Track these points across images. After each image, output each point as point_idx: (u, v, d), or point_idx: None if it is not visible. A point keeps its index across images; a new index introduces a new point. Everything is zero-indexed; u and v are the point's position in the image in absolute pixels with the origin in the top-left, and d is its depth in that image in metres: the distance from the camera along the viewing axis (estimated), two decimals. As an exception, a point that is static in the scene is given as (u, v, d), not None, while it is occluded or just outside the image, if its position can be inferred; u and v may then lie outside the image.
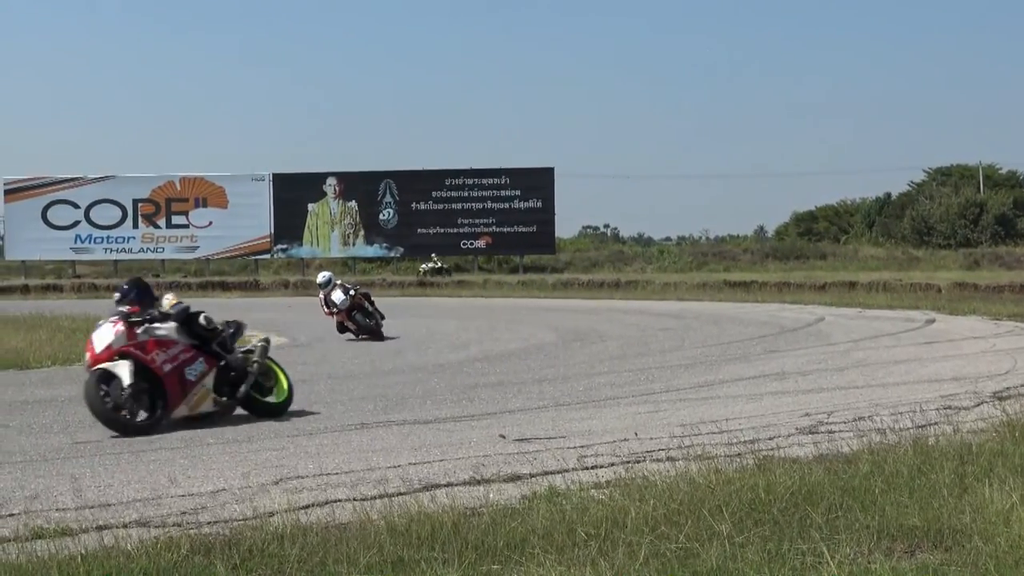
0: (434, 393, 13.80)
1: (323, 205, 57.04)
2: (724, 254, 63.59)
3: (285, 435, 10.58)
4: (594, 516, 6.27)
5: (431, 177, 57.48)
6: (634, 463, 8.22)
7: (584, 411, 11.92)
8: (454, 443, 9.75)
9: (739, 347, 19.77)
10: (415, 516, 6.39)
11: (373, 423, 11.29)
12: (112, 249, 57.43)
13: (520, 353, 19.44)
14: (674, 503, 6.48)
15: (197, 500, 7.40)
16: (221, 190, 57.02)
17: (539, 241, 57.32)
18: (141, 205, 57.18)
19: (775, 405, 11.89)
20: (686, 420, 10.49)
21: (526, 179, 57.10)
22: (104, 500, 7.39)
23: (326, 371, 16.77)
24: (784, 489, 6.70)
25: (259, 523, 6.43)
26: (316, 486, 7.79)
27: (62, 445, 10.21)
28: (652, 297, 40.14)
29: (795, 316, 28.18)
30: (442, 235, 56.80)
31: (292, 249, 57.54)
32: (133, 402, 10.81)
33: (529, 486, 7.51)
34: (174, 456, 9.45)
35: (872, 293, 36.33)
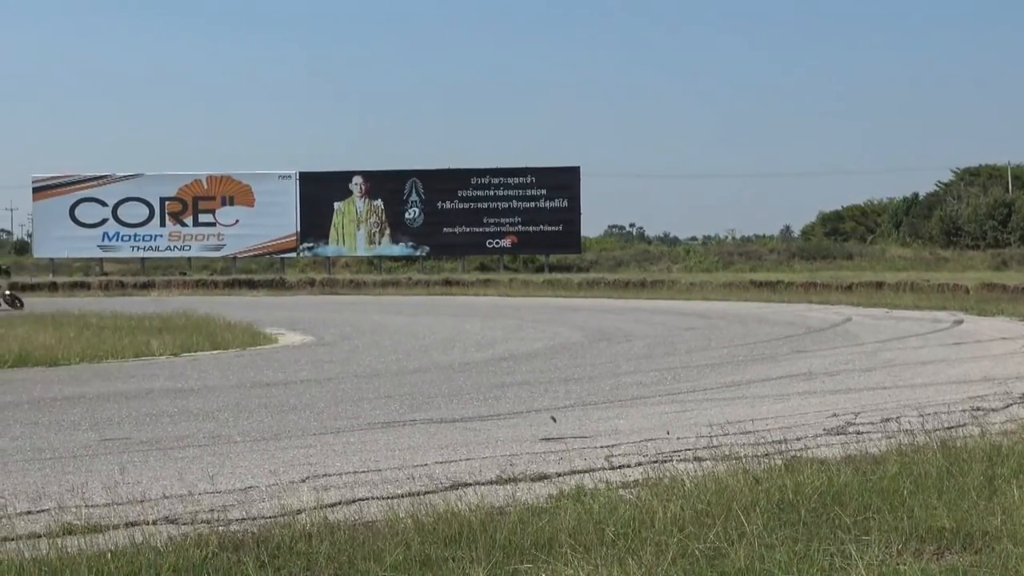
0: (460, 392, 13.81)
1: (349, 204, 57.19)
2: (750, 254, 63.47)
3: (312, 433, 10.60)
4: (622, 515, 6.26)
5: (457, 176, 57.57)
6: (662, 463, 8.21)
7: (611, 410, 11.92)
8: (481, 442, 9.76)
9: (766, 347, 19.72)
10: (442, 515, 6.39)
11: (399, 422, 11.30)
12: (139, 247, 57.72)
13: (546, 352, 19.44)
14: (702, 503, 6.47)
15: (226, 497, 7.43)
16: (248, 188, 57.24)
17: (565, 240, 57.35)
18: (168, 203, 57.45)
19: (802, 405, 11.86)
20: (713, 420, 10.46)
21: (552, 178, 57.12)
22: (133, 497, 7.40)
23: (352, 370, 16.81)
24: (812, 490, 6.68)
25: (287, 521, 6.43)
26: (344, 484, 7.80)
27: (91, 442, 10.25)
28: (678, 297, 40.08)
29: (822, 316, 28.09)
30: (468, 234, 56.89)
31: (318, 248, 57.70)
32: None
33: (556, 485, 7.50)
34: (202, 454, 9.49)
35: (899, 293, 36.18)
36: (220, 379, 15.66)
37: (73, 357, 18.14)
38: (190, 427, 11.16)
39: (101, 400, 13.33)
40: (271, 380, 15.47)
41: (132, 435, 10.65)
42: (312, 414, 12.01)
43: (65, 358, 17.99)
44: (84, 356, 18.30)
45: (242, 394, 13.89)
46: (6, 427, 11.20)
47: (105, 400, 13.34)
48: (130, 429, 11.04)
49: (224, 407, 12.63)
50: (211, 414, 12.08)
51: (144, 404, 12.97)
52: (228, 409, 12.46)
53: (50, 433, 10.83)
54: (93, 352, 18.68)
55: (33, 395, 13.87)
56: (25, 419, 11.76)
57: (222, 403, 12.99)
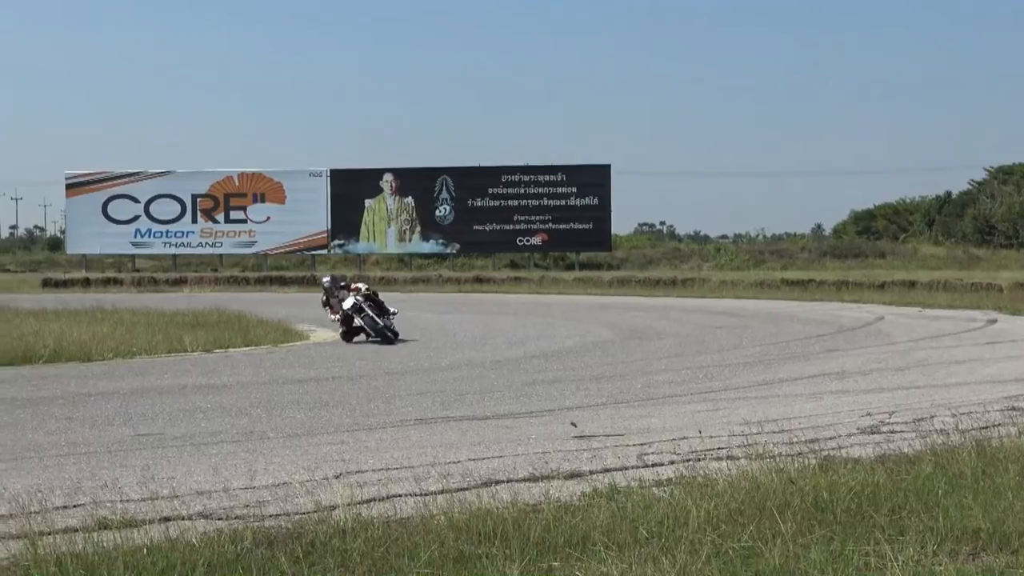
0: (492, 389, 13.82)
1: (380, 201, 57.29)
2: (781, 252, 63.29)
3: (345, 429, 10.63)
4: (656, 514, 6.26)
5: (488, 174, 57.60)
6: (695, 461, 8.19)
7: (643, 408, 11.91)
8: (513, 439, 9.77)
9: (798, 346, 19.66)
10: (476, 512, 6.39)
11: (432, 418, 11.32)
12: (171, 243, 58.00)
13: (577, 350, 19.43)
14: (736, 502, 6.46)
15: (260, 493, 7.45)
16: (279, 186, 57.42)
17: (595, 238, 57.29)
18: (200, 200, 57.71)
19: (835, 405, 11.81)
20: (746, 419, 10.43)
21: (582, 176, 57.08)
22: (168, 492, 7.44)
23: (384, 367, 16.84)
24: (847, 489, 6.66)
25: (321, 517, 6.46)
26: (377, 480, 7.82)
27: (124, 437, 10.31)
28: (709, 295, 39.98)
29: (854, 315, 27.97)
30: (498, 232, 56.90)
31: (349, 245, 57.84)
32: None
33: (590, 483, 7.50)
34: (236, 449, 9.53)
35: (932, 292, 35.98)
36: (253, 375, 15.72)
37: (107, 353, 18.21)
38: (223, 423, 11.21)
39: (135, 395, 13.40)
40: (303, 376, 15.52)
41: (166, 430, 10.71)
42: (344, 410, 12.04)
43: (99, 354, 18.07)
44: (118, 352, 18.37)
45: (275, 390, 13.93)
46: (41, 422, 11.28)
47: (139, 395, 13.41)
48: (164, 424, 11.10)
49: (257, 403, 12.67)
50: (244, 410, 12.12)
51: (177, 400, 13.04)
52: (261, 405, 12.50)
53: (85, 428, 10.90)
54: (126, 348, 18.75)
55: (68, 390, 13.95)
56: (60, 414, 11.84)
57: (255, 399, 13.04)
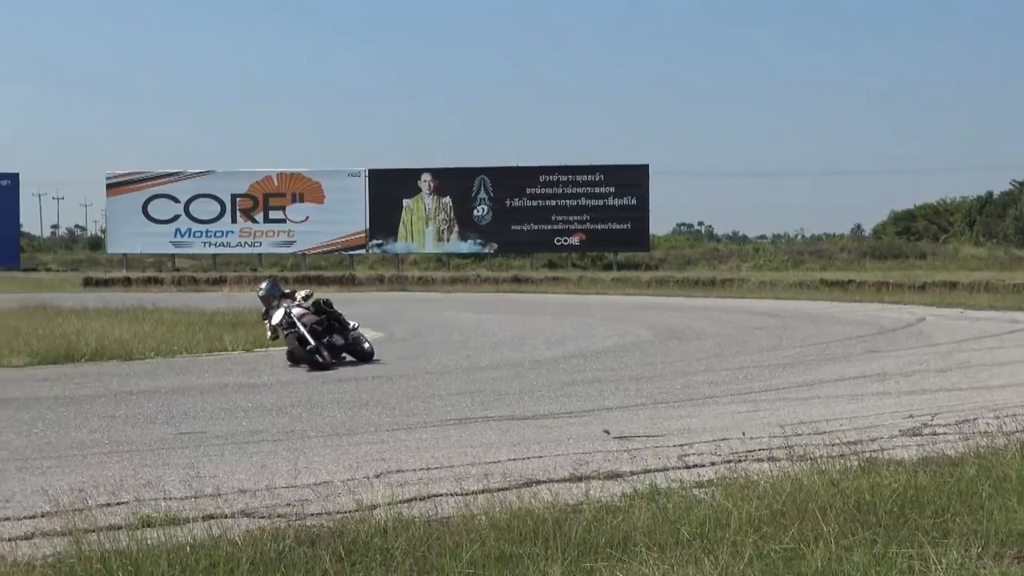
0: (531, 389, 13.82)
1: (418, 201, 57.36)
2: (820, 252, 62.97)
3: (385, 429, 10.66)
4: (697, 515, 6.25)
5: (526, 174, 57.55)
6: (736, 462, 8.18)
7: (683, 409, 11.88)
8: (553, 439, 9.77)
9: (838, 347, 19.56)
10: (517, 512, 6.40)
11: (471, 418, 11.34)
12: (210, 243, 58.25)
13: (616, 350, 19.40)
14: (778, 504, 6.43)
15: (301, 492, 7.49)
16: (318, 185, 57.58)
17: (633, 238, 57.13)
18: (239, 200, 57.93)
19: (877, 406, 11.74)
20: (786, 420, 10.39)
21: (621, 176, 56.94)
22: (210, 490, 7.49)
23: (423, 366, 16.87)
24: (889, 491, 6.62)
25: (363, 516, 6.48)
26: (418, 480, 7.84)
27: (166, 436, 10.38)
28: (748, 295, 39.83)
29: (895, 316, 27.80)
30: (536, 232, 56.85)
31: (387, 244, 57.93)
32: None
33: (630, 484, 7.49)
34: (276, 448, 9.57)
35: (974, 293, 35.69)
36: (292, 374, 15.78)
37: (148, 351, 18.34)
38: (264, 422, 11.26)
39: (176, 394, 13.49)
40: (343, 376, 15.57)
41: (207, 429, 10.78)
42: (384, 410, 12.07)
43: (140, 352, 18.20)
44: (159, 351, 18.50)
45: (314, 389, 13.99)
46: (84, 420, 11.37)
47: (180, 394, 13.50)
48: (205, 423, 11.17)
49: (297, 402, 12.73)
50: (284, 409, 12.18)
51: (218, 399, 13.11)
52: (301, 404, 12.56)
53: (127, 426, 10.99)
54: (167, 347, 18.88)
55: (110, 389, 14.06)
56: (102, 412, 11.93)
57: (295, 398, 13.10)
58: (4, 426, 10.95)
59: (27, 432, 10.57)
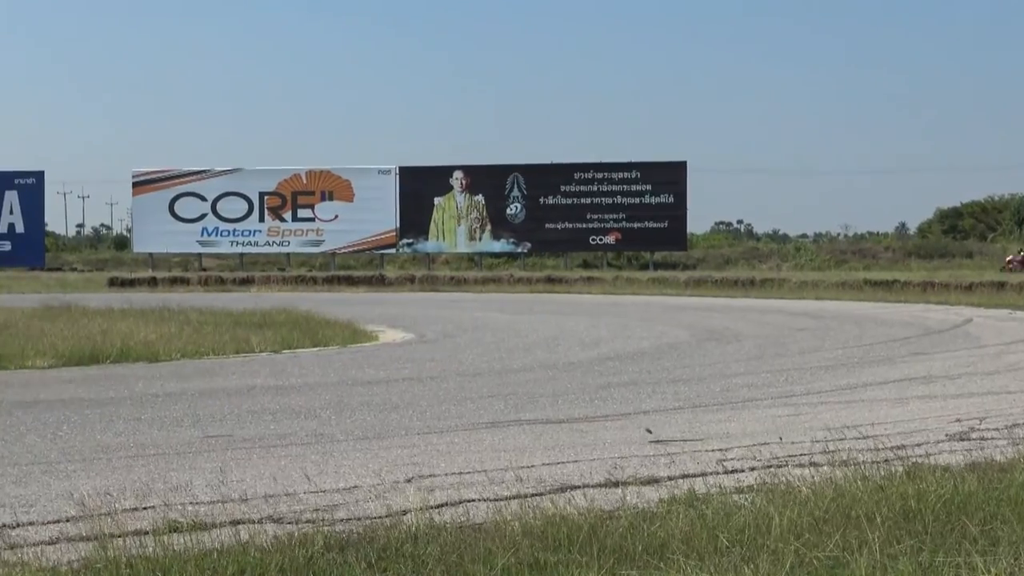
0: (565, 392, 13.81)
1: (449, 199, 57.49)
2: (864, 252, 62.74)
3: (416, 432, 10.67)
4: (737, 522, 6.22)
5: (559, 171, 57.60)
6: (776, 468, 8.13)
7: (721, 413, 11.85)
8: (588, 443, 9.75)
9: (882, 349, 19.47)
10: (551, 518, 6.39)
11: (504, 422, 11.34)
12: (238, 242, 58.58)
13: (653, 352, 19.37)
14: (820, 510, 6.40)
15: (330, 497, 7.50)
16: (347, 183, 57.80)
17: (670, 237, 57.09)
18: (267, 198, 58.23)
19: (923, 410, 11.68)
20: (829, 424, 10.34)
21: (657, 173, 56.89)
22: (238, 495, 7.50)
23: (454, 368, 16.89)
24: (936, 498, 6.57)
25: (393, 522, 6.48)
26: (449, 485, 7.84)
27: (193, 439, 10.42)
28: (788, 296, 39.72)
29: (941, 317, 27.64)
30: (570, 230, 56.87)
31: (418, 244, 58.11)
32: None
33: (667, 489, 7.47)
34: (305, 452, 9.59)
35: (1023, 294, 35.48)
36: (321, 376, 15.82)
37: (174, 353, 18.42)
38: (292, 425, 11.28)
39: (203, 396, 13.54)
40: (373, 378, 15.60)
41: (234, 432, 10.80)
42: (415, 413, 12.08)
43: (166, 354, 18.28)
44: (185, 352, 18.58)
45: (344, 392, 14.02)
46: (109, 423, 11.43)
47: (207, 396, 13.55)
48: (232, 426, 11.20)
49: (326, 405, 12.75)
50: (313, 412, 12.20)
51: (246, 401, 13.15)
52: (330, 407, 12.58)
53: (153, 429, 11.03)
54: (194, 348, 18.96)
55: (135, 391, 14.13)
56: (128, 415, 11.99)
57: (324, 401, 13.12)
58: (28, 429, 11.02)
59: (52, 435, 10.63)
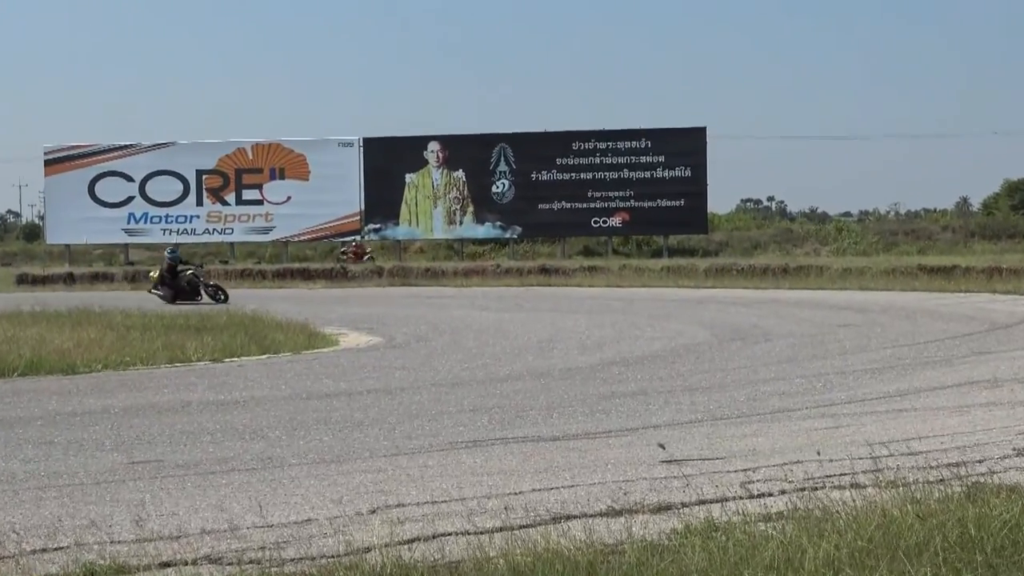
0: (561, 404, 13.84)
1: (424, 176, 57.46)
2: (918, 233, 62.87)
3: (382, 454, 10.67)
4: (764, 556, 6.23)
5: (555, 140, 57.50)
6: (811, 490, 8.15)
7: (747, 426, 11.87)
8: (587, 465, 9.76)
9: (939, 348, 19.51)
10: (542, 554, 6.41)
11: (488, 440, 11.35)
12: (172, 231, 58.44)
13: (666, 355, 19.41)
14: (862, 540, 6.42)
15: (279, 532, 7.50)
16: (301, 158, 57.71)
17: (688, 218, 57.11)
18: (206, 177, 58.12)
19: (986, 420, 11.70)
20: (874, 438, 10.35)
21: (672, 142, 56.86)
22: (168, 531, 7.50)
23: (429, 378, 16.91)
24: (1000, 524, 6.60)
25: (354, 560, 6.49)
26: (421, 516, 7.84)
27: (117, 465, 10.41)
28: (828, 286, 39.79)
29: (1009, 309, 27.72)
30: (568, 211, 56.84)
31: (387, 230, 58.07)
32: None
33: (681, 518, 7.48)
34: (250, 479, 9.59)
35: (1109, 280, 35.62)
36: (270, 389, 15.83)
37: (94, 363, 18.41)
38: (235, 447, 11.29)
39: (129, 415, 13.53)
40: (332, 390, 15.61)
41: (166, 457, 10.80)
42: (382, 431, 12.10)
43: (85, 364, 18.27)
44: (107, 362, 18.57)
45: (297, 407, 14.02)
46: (16, 448, 11.41)
47: (133, 415, 13.54)
48: (163, 450, 11.19)
49: (276, 423, 12.76)
50: (260, 432, 12.22)
51: (180, 419, 13.15)
52: (280, 426, 12.59)
53: (68, 455, 11.02)
54: (118, 357, 18.96)
55: (48, 409, 14.11)
56: (38, 438, 11.97)
57: (273, 418, 13.13)
58: (-81, 456, 11.01)
59: (-54, 463, 10.61)
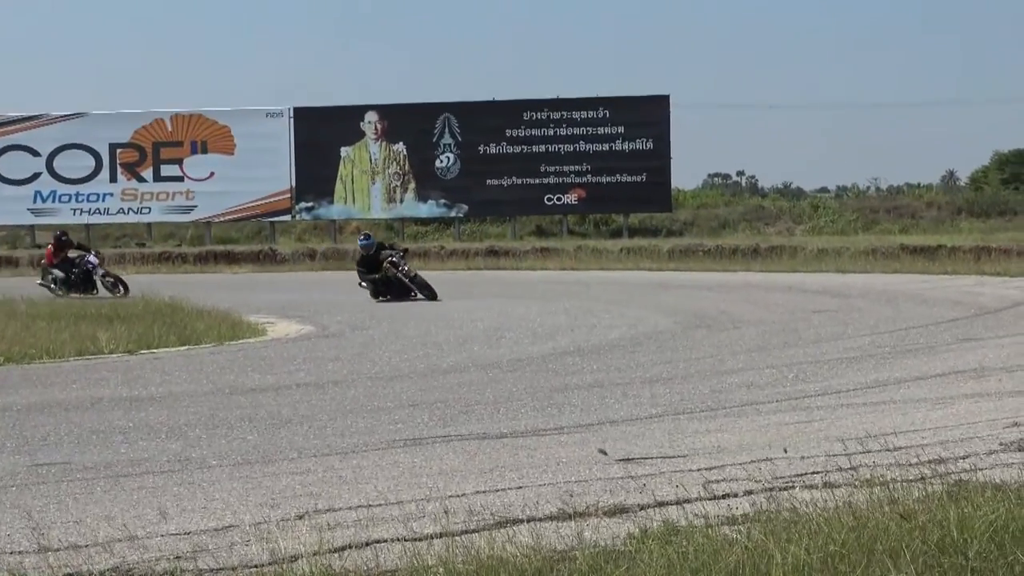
0: (509, 398, 13.86)
1: (360, 149, 57.28)
2: (901, 210, 63.13)
3: (312, 454, 10.66)
4: (726, 562, 6.25)
5: (505, 110, 57.38)
6: (780, 491, 8.19)
7: (711, 421, 11.92)
8: (537, 464, 9.78)
9: (921, 334, 19.62)
10: (486, 561, 6.42)
11: (428, 438, 11.35)
12: (83, 210, 58.02)
13: (625, 344, 19.46)
14: (834, 544, 6.44)
15: (197, 540, 7.47)
16: (225, 131, 57.42)
17: (650, 195, 57.13)
18: (120, 152, 57.73)
19: (971, 412, 11.78)
20: (849, 433, 10.41)
21: (632, 111, 56.85)
22: (73, 540, 7.47)
23: (365, 370, 16.89)
24: (984, 525, 6.63)
25: (279, 571, 6.48)
26: (354, 521, 7.83)
27: (16, 468, 10.35)
28: (803, 268, 39.98)
29: (998, 293, 27.90)
30: (519, 188, 56.75)
31: (320, 208, 57.85)
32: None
33: (638, 521, 7.50)
34: (166, 482, 9.56)
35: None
36: (189, 384, 15.80)
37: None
38: (150, 447, 11.25)
39: (32, 413, 13.46)
40: (257, 385, 15.60)
41: (73, 459, 10.75)
42: (312, 429, 12.08)
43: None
44: (9, 355, 18.52)
45: (219, 403, 13.99)
46: (-94, 450, 11.35)
47: (38, 413, 13.47)
48: (70, 451, 11.14)
49: (195, 421, 12.73)
50: (178, 430, 12.18)
51: (89, 418, 13.11)
52: (200, 423, 12.57)
53: (-37, 458, 10.96)
54: (22, 349, 18.88)
55: (-57, 407, 14.03)
56: (-69, 439, 11.90)
57: (192, 415, 13.10)
58: None
59: None
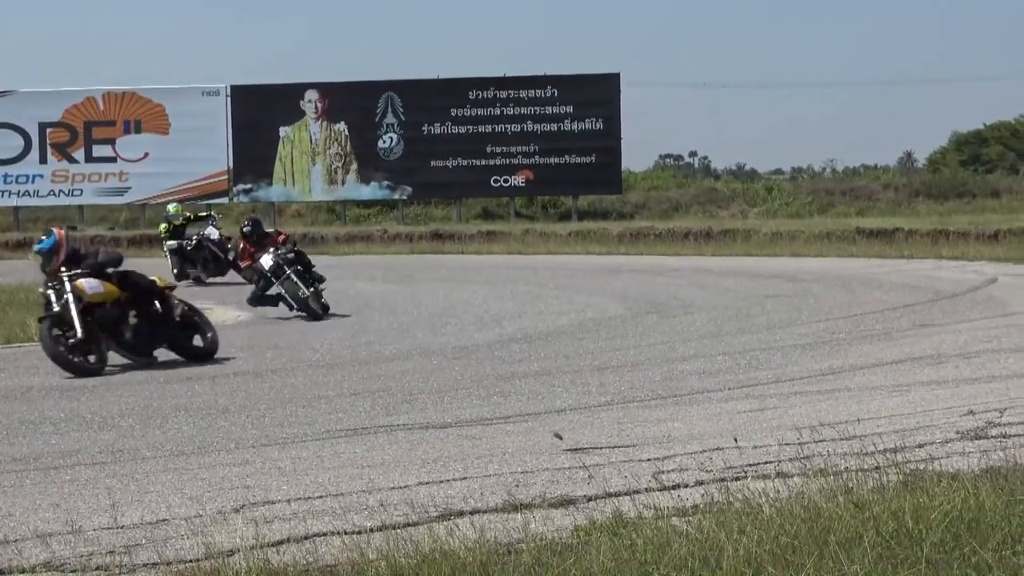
0: (454, 387, 13.88)
1: (300, 129, 57.07)
2: (857, 192, 63.37)
3: (249, 445, 10.65)
4: (676, 554, 6.28)
5: (449, 89, 57.24)
6: (731, 481, 8.22)
7: (662, 410, 11.96)
8: (482, 455, 9.80)
9: (877, 320, 19.72)
10: (428, 555, 6.43)
11: (370, 428, 11.38)
12: (11, 192, 57.63)
13: (573, 330, 19.50)
14: (787, 536, 6.48)
15: (130, 534, 7.47)
16: (160, 109, 57.09)
17: (599, 177, 57.12)
18: (50, 131, 57.33)
19: (927, 400, 11.87)
20: (803, 421, 10.48)
21: (582, 90, 56.80)
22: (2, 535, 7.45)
23: (305, 358, 16.87)
24: (940, 515, 6.68)
25: (215, 565, 6.48)
26: (292, 514, 7.84)
27: (-56, 461, 10.32)
28: (756, 252, 40.07)
29: (956, 277, 28.06)
30: (465, 169, 56.64)
31: (259, 190, 57.60)
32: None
33: (586, 513, 7.54)
34: (99, 474, 9.53)
35: (1066, 244, 36.16)
36: (123, 373, 15.75)
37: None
38: (82, 438, 11.23)
39: (-40, 402, 13.41)
40: (193, 373, 15.57)
41: (1, 451, 10.73)
42: (249, 419, 12.08)
43: (-90, 346, 18.13)
44: (-63, 342, 18.42)
45: (153, 392, 13.96)
46: None
47: (-35, 402, 13.42)
48: None
49: (128, 410, 12.71)
50: (111, 420, 12.15)
51: (18, 408, 13.08)
52: (134, 413, 12.55)
53: None
54: (-50, 337, 18.79)
55: None
56: None
57: (126, 405, 13.07)
58: None
59: None
